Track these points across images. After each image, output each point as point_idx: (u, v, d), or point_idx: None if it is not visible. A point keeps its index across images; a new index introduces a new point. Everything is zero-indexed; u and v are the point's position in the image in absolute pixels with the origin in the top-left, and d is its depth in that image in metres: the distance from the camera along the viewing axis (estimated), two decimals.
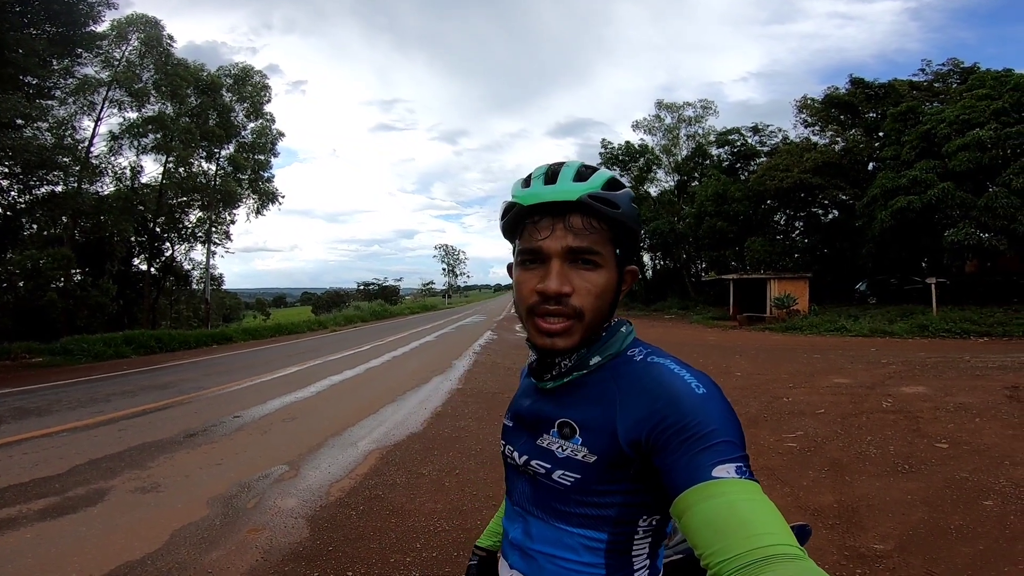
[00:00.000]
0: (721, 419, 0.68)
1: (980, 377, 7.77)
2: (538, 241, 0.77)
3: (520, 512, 0.85)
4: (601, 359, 0.80)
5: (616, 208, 0.76)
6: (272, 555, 3.11)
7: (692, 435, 0.66)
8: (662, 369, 0.75)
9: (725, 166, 31.07)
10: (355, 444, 5.48)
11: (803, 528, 1.03)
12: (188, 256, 25.86)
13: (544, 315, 0.77)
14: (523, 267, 0.79)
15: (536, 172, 0.81)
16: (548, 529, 0.80)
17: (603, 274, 0.77)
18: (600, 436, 0.75)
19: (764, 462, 4.50)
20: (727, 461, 0.64)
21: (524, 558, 0.82)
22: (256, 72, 25.27)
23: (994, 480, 3.77)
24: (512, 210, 0.81)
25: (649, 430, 0.70)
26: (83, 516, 3.71)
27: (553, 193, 0.76)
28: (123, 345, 14.65)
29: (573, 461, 0.76)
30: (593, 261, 0.76)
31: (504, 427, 0.93)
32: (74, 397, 8.19)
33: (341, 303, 57.50)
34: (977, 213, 16.35)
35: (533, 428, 0.84)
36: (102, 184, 20.61)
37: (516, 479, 0.87)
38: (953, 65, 23.59)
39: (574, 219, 0.76)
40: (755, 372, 9.23)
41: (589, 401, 0.78)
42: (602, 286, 0.77)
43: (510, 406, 0.94)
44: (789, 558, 0.55)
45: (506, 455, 0.89)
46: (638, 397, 0.73)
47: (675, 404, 0.69)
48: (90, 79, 18.82)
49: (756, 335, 17.38)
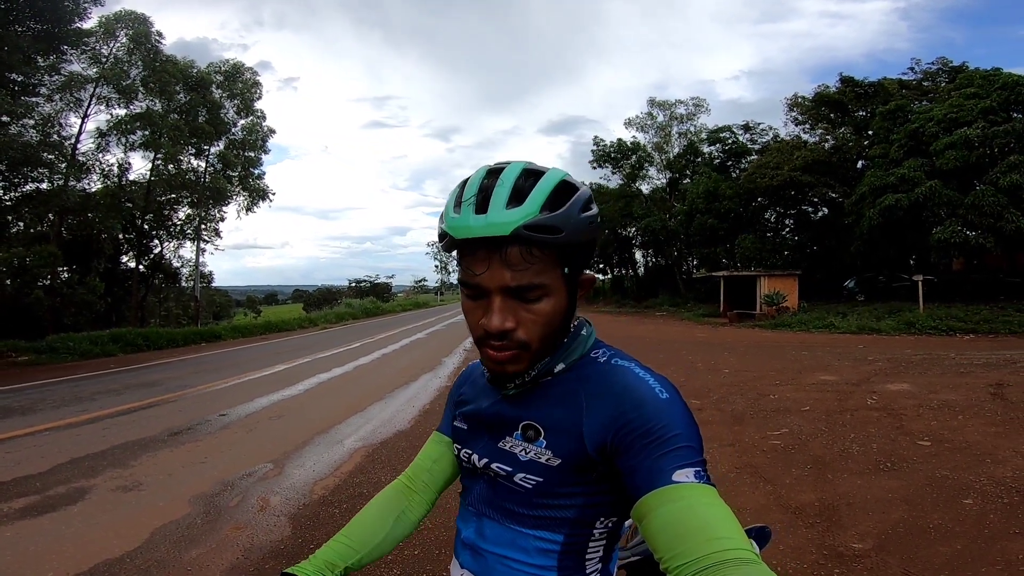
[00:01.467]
0: (683, 424, 0.69)
1: (965, 374, 7.85)
2: (475, 277, 0.72)
3: (474, 512, 0.84)
4: (565, 365, 0.79)
5: (558, 233, 0.69)
6: (252, 553, 3.10)
7: (655, 439, 0.67)
8: (627, 373, 0.75)
9: (716, 164, 31.16)
10: (341, 442, 5.46)
11: (762, 530, 1.04)
12: (177, 253, 25.74)
13: (491, 347, 0.74)
14: (467, 297, 0.76)
15: (467, 193, 0.72)
16: (502, 530, 0.79)
17: (549, 302, 0.73)
18: (566, 439, 0.74)
19: (748, 460, 4.53)
20: (687, 466, 0.65)
21: (475, 557, 0.82)
22: (247, 68, 25.10)
23: (975, 478, 3.79)
24: (446, 238, 0.74)
25: (615, 432, 0.70)
26: (63, 515, 3.67)
27: (484, 227, 0.69)
28: (110, 343, 14.55)
29: (536, 464, 0.76)
30: (536, 296, 0.72)
31: (456, 429, 0.90)
32: (58, 396, 8.11)
33: (333, 300, 57.31)
34: (964, 211, 16.51)
35: (494, 430, 0.82)
36: (89, 181, 20.42)
37: (474, 481, 0.86)
38: (942, 64, 23.77)
39: (511, 252, 0.69)
40: (743, 369, 9.28)
41: (554, 403, 0.77)
42: (548, 315, 0.73)
43: (458, 408, 0.92)
44: (743, 562, 0.57)
45: (462, 458, 0.87)
46: (604, 400, 0.73)
47: (640, 407, 0.70)
48: (76, 76, 18.60)
49: (746, 332, 17.49)
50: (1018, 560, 2.64)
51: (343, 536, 0.91)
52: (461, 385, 0.96)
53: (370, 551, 0.91)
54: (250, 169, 25.88)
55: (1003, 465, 4.02)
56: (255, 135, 25.69)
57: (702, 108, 33.18)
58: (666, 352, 11.98)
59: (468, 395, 0.92)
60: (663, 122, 33.60)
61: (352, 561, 0.88)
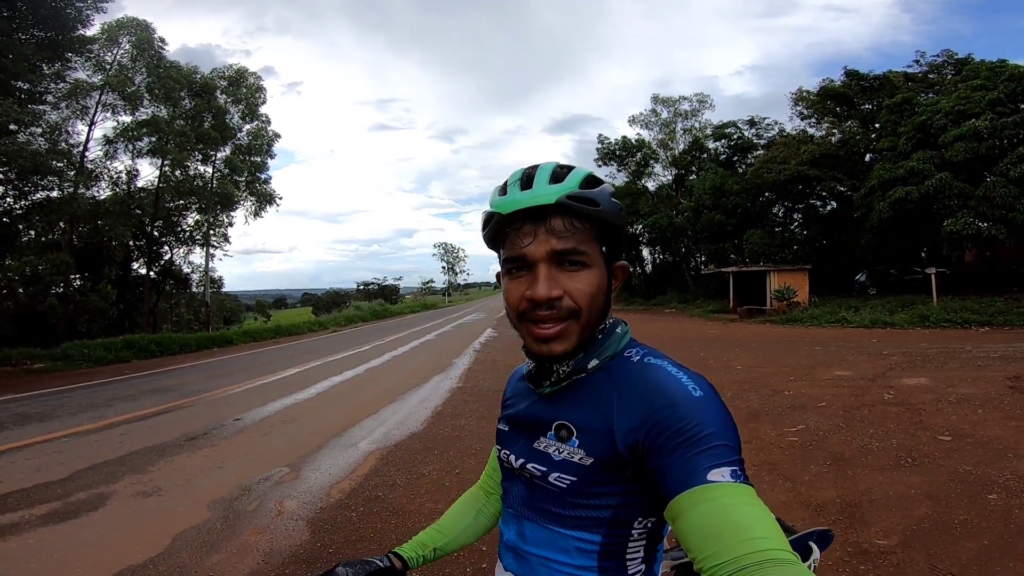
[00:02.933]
0: (718, 422, 0.67)
1: (982, 368, 7.76)
2: (521, 248, 0.75)
3: (514, 514, 0.85)
4: (599, 362, 0.79)
5: (596, 205, 0.75)
6: (273, 558, 3.11)
7: (688, 438, 0.66)
8: (659, 371, 0.74)
9: (722, 159, 31.03)
10: (355, 445, 5.47)
11: (825, 533, 1.02)
12: (187, 259, 25.86)
13: (537, 321, 0.75)
14: (510, 276, 0.78)
15: (511, 179, 0.79)
16: (542, 531, 0.80)
17: (592, 273, 0.76)
18: (598, 438, 0.74)
19: (765, 457, 4.50)
20: (722, 465, 0.64)
21: (518, 560, 0.82)
22: (251, 74, 25.20)
23: (998, 473, 3.74)
24: (492, 220, 0.79)
25: (646, 432, 0.69)
26: (85, 521, 3.71)
27: (530, 198, 0.74)
28: (124, 349, 14.66)
29: (570, 464, 0.76)
30: (580, 261, 0.75)
31: (499, 432, 0.92)
32: (75, 402, 8.19)
33: (341, 303, 57.48)
34: (975, 203, 16.34)
35: (530, 431, 0.83)
36: (98, 188, 20.66)
37: (512, 482, 0.87)
38: (947, 56, 23.52)
39: (555, 221, 0.74)
40: (756, 365, 9.23)
41: (586, 403, 0.77)
42: (593, 284, 0.76)
43: (503, 411, 0.94)
44: (781, 562, 0.56)
45: (502, 459, 0.88)
46: (636, 399, 0.73)
47: (672, 406, 0.69)
48: (82, 83, 18.79)
49: (757, 328, 17.39)
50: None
51: (435, 524, 1.06)
52: (506, 389, 0.98)
53: (455, 536, 1.05)
54: (256, 174, 25.95)
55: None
56: (260, 140, 25.75)
57: (706, 104, 33.04)
58: (678, 349, 11.92)
59: (510, 398, 0.93)
60: (667, 119, 33.49)
61: (440, 544, 1.03)
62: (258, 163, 25.89)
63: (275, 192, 26.63)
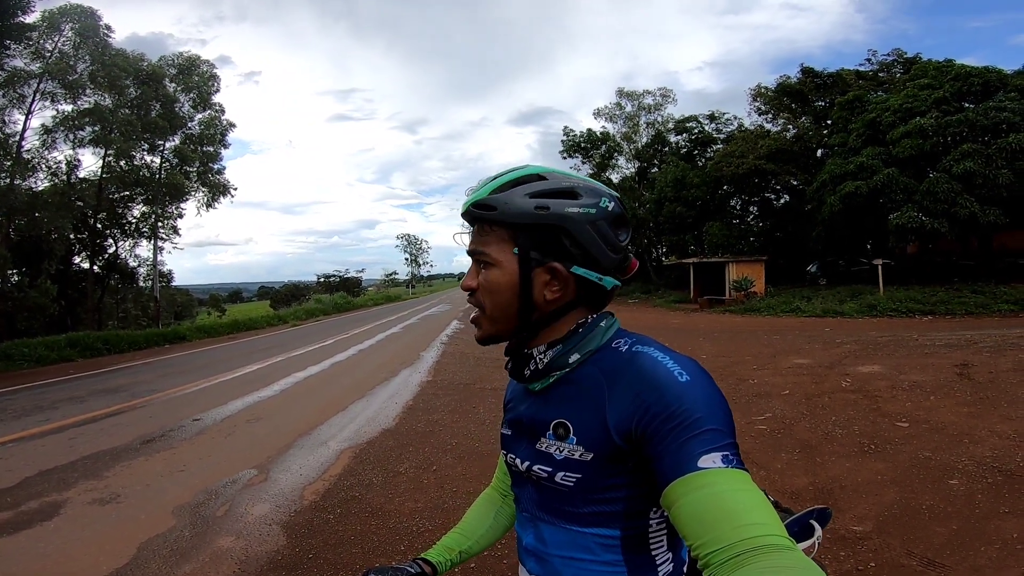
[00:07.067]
0: (706, 406, 0.67)
1: (930, 355, 8.16)
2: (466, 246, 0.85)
3: (529, 518, 0.85)
4: (580, 356, 0.79)
5: (491, 210, 0.78)
6: (249, 565, 2.98)
7: (677, 424, 0.65)
8: (645, 358, 0.74)
9: (683, 153, 31.63)
10: (325, 443, 5.33)
11: (824, 511, 1.03)
12: (133, 252, 24.67)
13: None
14: None
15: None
16: (559, 532, 0.79)
17: (494, 272, 0.79)
18: (593, 432, 0.74)
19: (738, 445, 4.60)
20: (713, 450, 0.63)
21: (540, 563, 0.82)
22: (203, 61, 24.19)
23: (956, 459, 3.92)
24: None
25: (637, 421, 0.69)
26: (40, 531, 3.48)
27: (462, 206, 0.83)
28: (67, 348, 13.89)
29: (572, 461, 0.76)
30: (485, 261, 0.81)
31: (503, 436, 0.92)
32: (18, 405, 7.69)
33: (301, 296, 56.08)
34: (920, 198, 17.13)
35: (531, 433, 0.83)
36: (36, 179, 19.50)
37: (522, 486, 0.87)
38: (897, 55, 24.56)
39: (476, 226, 0.83)
40: (720, 354, 9.46)
41: (578, 398, 0.78)
42: (495, 283, 0.79)
43: (505, 415, 0.93)
44: (776, 548, 0.55)
45: (509, 463, 0.88)
46: (624, 389, 0.72)
47: (658, 393, 0.68)
48: (19, 71, 17.69)
49: (717, 317, 17.85)
50: (1012, 539, 2.73)
51: (457, 527, 1.07)
52: (506, 392, 0.98)
53: (478, 539, 1.06)
54: (209, 164, 24.98)
55: (981, 445, 4.17)
56: (213, 129, 24.77)
57: (669, 98, 33.60)
58: None
59: (510, 401, 0.94)
60: (631, 112, 33.90)
61: (464, 547, 1.04)
62: (211, 153, 24.93)
63: (229, 183, 25.71)
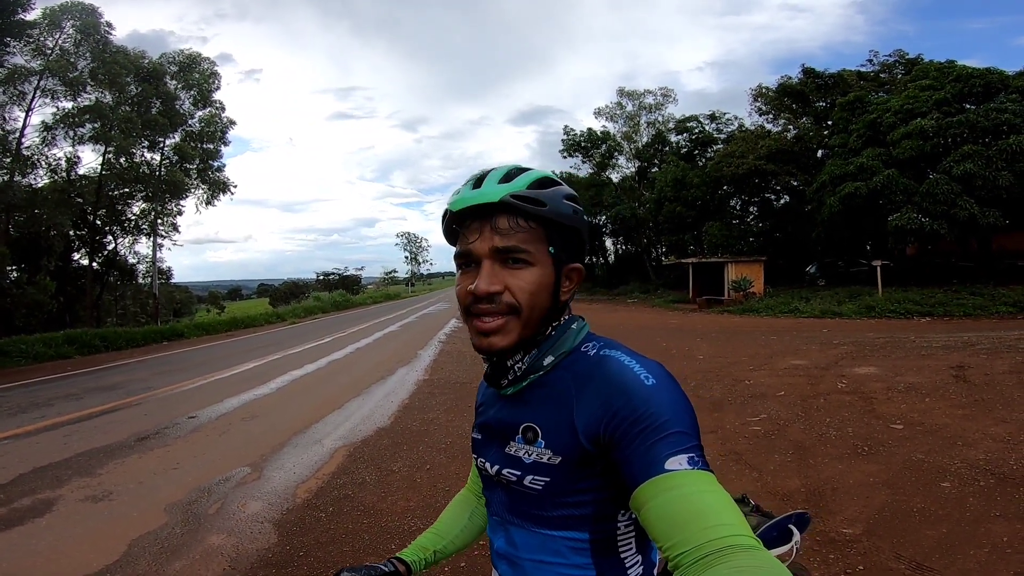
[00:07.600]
0: (672, 409, 0.68)
1: (926, 357, 8.15)
2: (468, 244, 0.78)
3: (500, 521, 0.85)
4: (554, 359, 0.79)
5: (542, 206, 0.76)
6: (240, 563, 2.98)
7: (644, 427, 0.66)
8: (613, 362, 0.75)
9: (684, 153, 31.64)
10: (320, 442, 5.33)
11: (802, 516, 1.03)
12: (133, 249, 24.78)
13: (479, 315, 0.76)
14: (460, 271, 0.81)
15: (468, 179, 0.82)
16: (529, 536, 0.79)
17: (535, 271, 0.76)
18: (561, 436, 0.74)
19: (731, 446, 4.60)
20: (679, 452, 0.64)
21: (512, 566, 0.82)
22: (203, 59, 24.20)
23: (950, 462, 3.91)
24: (446, 216, 0.83)
25: (604, 425, 0.70)
26: (32, 528, 3.49)
27: (477, 197, 0.77)
28: (65, 345, 13.90)
29: (540, 465, 0.76)
30: (522, 259, 0.76)
31: (474, 440, 0.91)
32: (14, 402, 7.70)
33: (300, 294, 56.05)
34: (919, 199, 17.11)
35: (500, 437, 0.83)
36: (35, 176, 19.53)
37: (492, 490, 0.87)
38: (899, 56, 24.53)
39: (500, 220, 0.76)
40: (717, 355, 9.46)
41: (548, 402, 0.78)
42: (534, 283, 0.76)
43: (476, 419, 0.93)
44: (744, 548, 0.56)
45: (480, 467, 0.88)
46: (592, 393, 0.73)
47: (625, 396, 0.69)
48: (20, 68, 17.74)
49: (716, 318, 17.84)
50: (1003, 543, 2.72)
51: (432, 527, 1.07)
52: (477, 396, 0.98)
53: (453, 539, 1.05)
54: (209, 162, 25.03)
55: (974, 448, 4.17)
56: (213, 127, 24.80)
57: (670, 98, 33.65)
58: (640, 339, 12.10)
59: (481, 405, 0.94)
60: (632, 112, 33.95)
61: (439, 546, 1.04)
62: (211, 150, 24.96)
63: (229, 180, 25.77)
